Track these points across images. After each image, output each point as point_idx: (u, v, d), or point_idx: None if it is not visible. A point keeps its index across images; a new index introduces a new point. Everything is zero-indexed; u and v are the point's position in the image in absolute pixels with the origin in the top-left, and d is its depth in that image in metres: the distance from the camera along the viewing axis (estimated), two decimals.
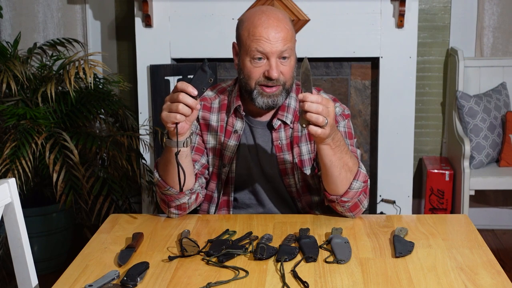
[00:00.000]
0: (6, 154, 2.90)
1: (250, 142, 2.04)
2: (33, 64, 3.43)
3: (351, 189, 1.87)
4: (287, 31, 1.90)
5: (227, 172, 2.03)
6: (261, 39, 1.88)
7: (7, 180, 1.67)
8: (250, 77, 1.93)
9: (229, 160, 2.02)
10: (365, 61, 3.67)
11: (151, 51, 3.56)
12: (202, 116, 2.05)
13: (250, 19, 1.92)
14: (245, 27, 1.92)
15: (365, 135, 3.75)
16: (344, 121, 2.03)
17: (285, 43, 1.89)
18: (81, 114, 3.22)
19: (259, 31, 1.88)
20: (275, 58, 1.89)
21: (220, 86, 2.12)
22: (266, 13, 1.91)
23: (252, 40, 1.89)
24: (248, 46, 1.90)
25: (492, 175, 3.57)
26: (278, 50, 1.88)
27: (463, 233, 1.83)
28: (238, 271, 1.57)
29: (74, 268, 1.62)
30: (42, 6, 3.85)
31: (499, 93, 3.73)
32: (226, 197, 2.06)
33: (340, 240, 1.71)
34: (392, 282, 1.51)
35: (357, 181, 1.88)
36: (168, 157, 1.84)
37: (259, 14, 1.91)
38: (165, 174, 1.89)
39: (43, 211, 3.24)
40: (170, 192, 1.90)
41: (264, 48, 1.88)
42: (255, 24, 1.89)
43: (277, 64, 1.90)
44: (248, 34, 1.90)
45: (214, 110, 2.06)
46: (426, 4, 3.76)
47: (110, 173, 3.18)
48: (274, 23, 1.89)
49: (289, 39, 1.90)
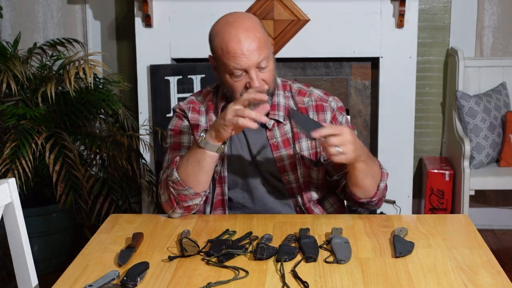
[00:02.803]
0: (6, 154, 2.90)
1: (242, 140, 2.04)
2: (33, 64, 3.43)
3: (379, 190, 1.96)
4: (259, 39, 1.88)
5: (219, 171, 2.03)
6: (236, 56, 1.86)
7: (7, 180, 1.67)
8: (234, 91, 1.93)
9: (220, 158, 2.03)
10: (365, 61, 3.67)
11: (151, 51, 3.56)
12: (192, 117, 2.07)
13: (220, 34, 1.90)
14: (217, 44, 1.91)
15: (365, 135, 3.75)
16: (341, 115, 2.07)
17: (260, 53, 1.87)
18: (81, 114, 3.22)
19: (232, 47, 1.86)
20: (253, 70, 1.88)
21: (206, 90, 2.14)
22: (234, 24, 1.89)
23: (227, 58, 1.88)
24: (224, 63, 1.90)
25: (492, 175, 3.57)
26: (254, 62, 1.87)
27: (463, 233, 1.83)
28: (238, 271, 1.57)
29: (74, 268, 1.62)
30: (42, 6, 3.85)
31: (499, 93, 3.73)
32: (221, 197, 2.06)
33: (340, 240, 1.71)
34: (392, 282, 1.51)
35: (383, 182, 1.96)
36: (199, 159, 1.87)
37: (228, 27, 1.89)
38: (186, 175, 1.90)
39: (43, 211, 3.24)
40: (187, 192, 1.91)
41: (241, 64, 1.87)
42: (225, 40, 1.88)
43: (257, 75, 1.89)
44: (222, 52, 1.89)
45: (202, 113, 2.08)
46: (426, 4, 3.76)
47: (110, 173, 3.18)
48: (244, 35, 1.87)
49: (262, 47, 1.88)
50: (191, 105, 2.09)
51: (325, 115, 2.03)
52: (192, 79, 3.54)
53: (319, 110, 2.04)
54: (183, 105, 2.10)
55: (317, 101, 2.05)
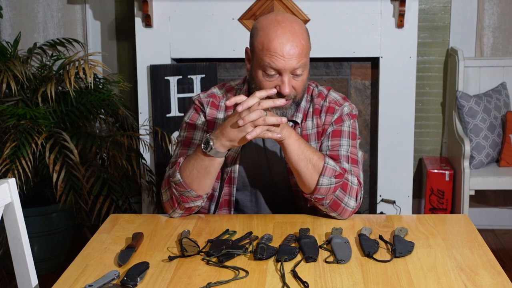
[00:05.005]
0: (6, 154, 2.90)
1: (258, 141, 2.03)
2: (33, 64, 3.43)
3: (320, 186, 1.87)
4: (302, 46, 1.85)
5: (229, 171, 2.02)
6: (275, 55, 1.83)
7: (7, 180, 1.67)
8: (261, 89, 1.88)
9: (232, 160, 2.02)
10: (365, 61, 3.67)
11: (151, 51, 3.56)
12: (210, 113, 2.04)
13: (266, 30, 1.85)
14: (260, 38, 1.86)
15: (365, 135, 3.75)
16: (349, 120, 2.02)
17: (300, 60, 1.84)
18: (81, 114, 3.22)
19: (274, 46, 1.82)
20: (288, 74, 1.85)
21: (229, 85, 2.10)
22: (282, 24, 1.84)
23: (265, 54, 1.84)
24: (261, 59, 1.85)
25: (492, 175, 3.57)
26: (291, 67, 1.84)
27: (463, 233, 1.83)
28: (238, 271, 1.57)
29: (74, 268, 1.62)
30: (42, 6, 3.85)
31: (499, 93, 3.73)
32: (228, 197, 2.06)
33: (340, 240, 1.71)
34: (392, 282, 1.51)
35: (324, 176, 1.87)
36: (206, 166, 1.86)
37: (275, 26, 1.84)
38: (191, 178, 1.88)
39: (43, 211, 3.24)
40: (189, 194, 1.90)
41: (277, 65, 1.83)
42: (270, 37, 1.83)
43: (289, 80, 1.86)
44: (262, 47, 1.85)
45: (221, 108, 2.05)
46: (426, 4, 3.76)
47: (110, 173, 3.18)
48: (290, 38, 1.83)
49: (304, 55, 1.85)
50: (211, 99, 2.06)
51: (332, 117, 2.01)
52: (192, 79, 3.54)
53: (329, 112, 2.02)
54: (203, 98, 2.06)
55: (331, 103, 2.03)
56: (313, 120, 2.02)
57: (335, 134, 1.99)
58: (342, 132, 2.00)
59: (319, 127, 2.01)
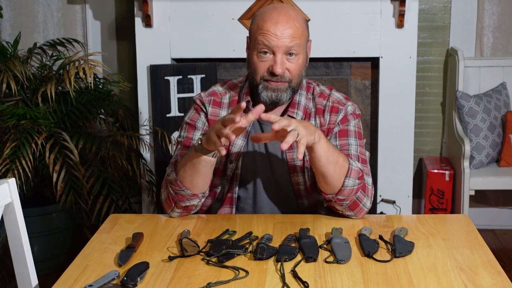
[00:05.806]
0: (6, 154, 2.90)
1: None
2: (33, 64, 3.43)
3: (345, 187, 1.87)
4: (297, 28, 1.89)
5: (233, 168, 2.03)
6: (268, 33, 1.88)
7: (7, 180, 1.67)
8: (256, 71, 1.93)
9: (236, 156, 2.02)
10: (365, 61, 3.67)
11: (151, 51, 3.56)
12: (212, 112, 2.05)
13: (262, 14, 1.94)
14: (256, 21, 1.94)
15: (365, 135, 3.75)
16: (354, 120, 2.03)
17: (292, 40, 1.88)
18: (81, 114, 3.22)
19: (267, 26, 1.88)
20: (281, 54, 1.89)
21: (231, 82, 2.11)
22: (278, 9, 1.92)
23: (259, 33, 1.89)
24: (255, 39, 1.91)
25: (492, 175, 3.57)
26: (284, 45, 1.88)
27: (463, 233, 1.83)
28: (238, 271, 1.57)
29: (74, 268, 1.62)
30: (42, 6, 3.85)
31: (499, 93, 3.73)
32: (230, 194, 2.06)
33: (340, 240, 1.71)
34: (392, 282, 1.51)
35: (350, 178, 1.88)
36: (194, 163, 1.86)
37: (271, 10, 1.92)
38: (184, 176, 1.90)
39: (43, 211, 3.24)
40: (184, 193, 1.91)
41: (270, 42, 1.88)
42: (265, 19, 1.90)
43: (282, 60, 1.89)
44: (257, 28, 1.91)
45: (224, 106, 2.06)
46: (426, 4, 3.76)
47: (110, 173, 3.18)
48: (283, 19, 1.89)
49: (297, 36, 1.89)
50: (212, 97, 2.07)
51: (337, 117, 2.01)
52: (192, 79, 3.54)
53: (333, 111, 2.02)
54: (204, 97, 2.07)
55: (334, 103, 2.03)
56: (316, 120, 2.02)
57: (342, 134, 2.00)
58: (349, 132, 2.00)
59: (322, 126, 2.01)
